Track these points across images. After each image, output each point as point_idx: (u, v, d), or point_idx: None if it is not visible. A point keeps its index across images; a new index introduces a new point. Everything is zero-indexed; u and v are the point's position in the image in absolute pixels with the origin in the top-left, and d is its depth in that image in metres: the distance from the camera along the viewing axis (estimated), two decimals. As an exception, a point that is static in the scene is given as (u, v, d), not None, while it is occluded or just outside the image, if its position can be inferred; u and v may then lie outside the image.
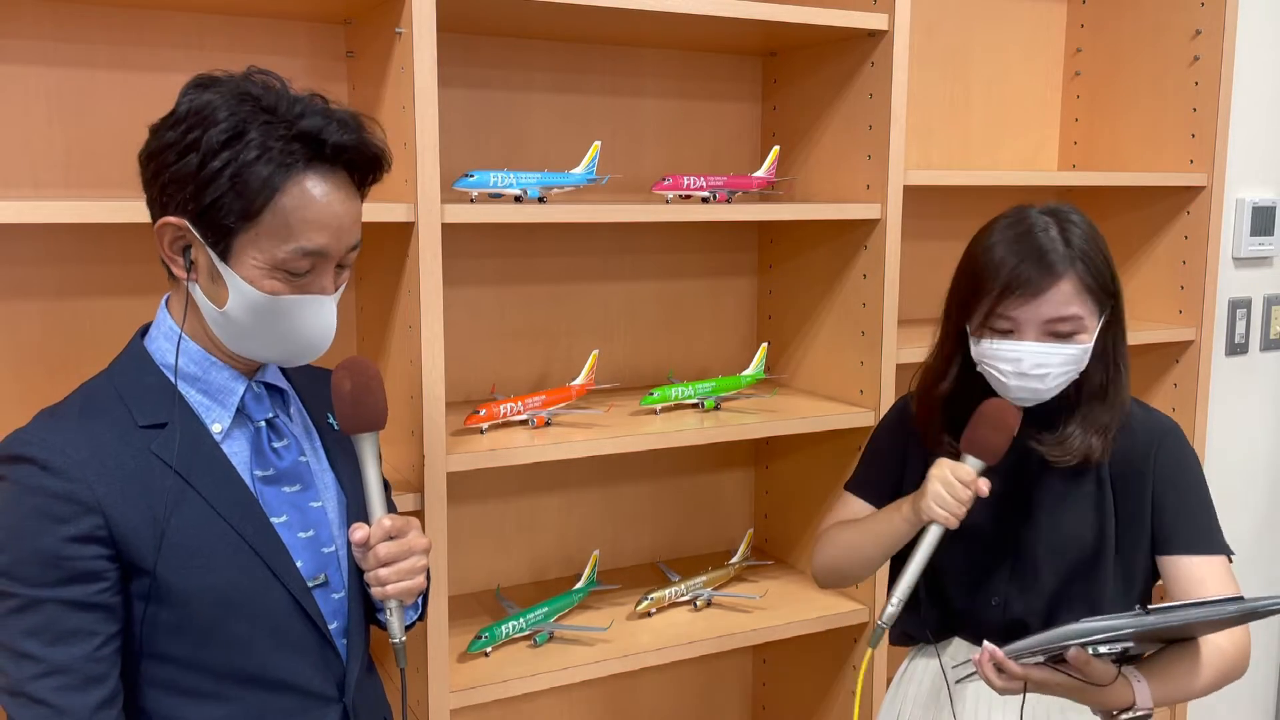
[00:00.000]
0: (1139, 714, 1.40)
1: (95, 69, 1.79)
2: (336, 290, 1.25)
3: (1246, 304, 2.93)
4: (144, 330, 1.28)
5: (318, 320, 1.23)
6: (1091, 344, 1.48)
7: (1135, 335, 2.36)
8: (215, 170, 1.14)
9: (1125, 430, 1.53)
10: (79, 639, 1.14)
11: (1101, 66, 2.62)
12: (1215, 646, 1.46)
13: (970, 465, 1.47)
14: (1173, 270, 2.49)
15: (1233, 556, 1.52)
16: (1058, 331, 1.46)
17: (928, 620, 1.63)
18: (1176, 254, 2.49)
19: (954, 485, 1.45)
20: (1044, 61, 2.69)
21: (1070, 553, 1.52)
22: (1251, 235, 2.88)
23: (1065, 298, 1.45)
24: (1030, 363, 1.46)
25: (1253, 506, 3.07)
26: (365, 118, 1.24)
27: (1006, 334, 1.48)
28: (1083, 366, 1.49)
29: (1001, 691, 1.39)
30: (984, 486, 1.45)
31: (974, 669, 1.41)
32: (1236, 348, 2.94)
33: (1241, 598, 1.32)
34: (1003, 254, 1.47)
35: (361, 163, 1.23)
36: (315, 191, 1.18)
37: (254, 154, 1.14)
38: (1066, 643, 1.31)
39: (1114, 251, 1.54)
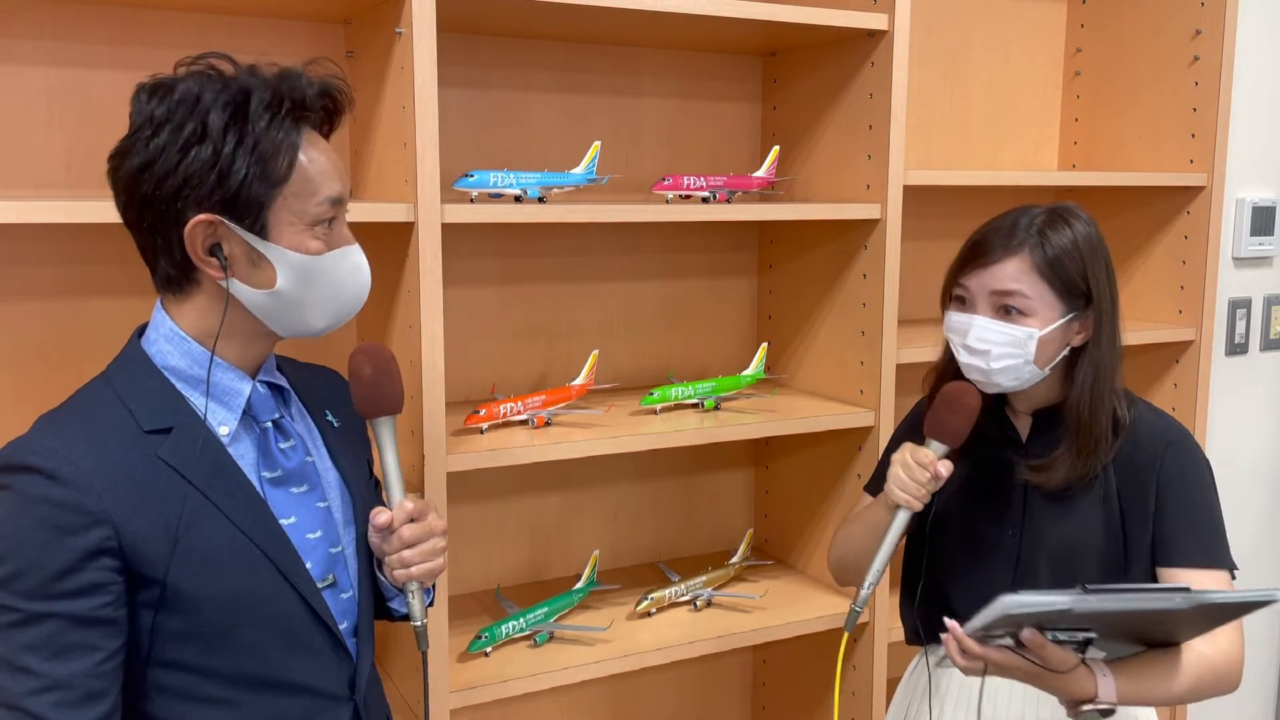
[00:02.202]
0: (1100, 707, 1.38)
1: (95, 69, 1.79)
2: None
3: (1246, 304, 2.93)
4: (140, 331, 1.26)
5: (357, 269, 1.27)
6: (1041, 332, 1.46)
7: (1135, 335, 2.37)
8: (232, 148, 1.14)
9: (1131, 437, 1.52)
10: (80, 654, 1.11)
11: (1101, 66, 2.62)
12: (1197, 653, 1.43)
13: (933, 449, 1.48)
14: (1173, 270, 2.49)
15: (1236, 572, 1.50)
16: (1004, 305, 1.47)
17: (934, 622, 1.63)
18: (1176, 254, 2.49)
19: (912, 467, 1.46)
20: (1044, 61, 2.69)
21: (1073, 563, 1.51)
22: (1251, 235, 2.88)
23: (1014, 273, 1.46)
24: (974, 335, 1.48)
25: (1253, 507, 3.07)
26: (311, 64, 1.25)
27: (963, 305, 1.51)
28: (1029, 355, 1.46)
29: (965, 671, 1.39)
30: (943, 469, 1.46)
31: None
32: (1236, 348, 2.94)
33: (1188, 588, 1.29)
34: (980, 230, 1.52)
35: (330, 108, 1.25)
36: (316, 144, 1.22)
37: (264, 121, 1.15)
38: (1011, 613, 1.28)
39: (1114, 251, 1.54)
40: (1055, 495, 1.53)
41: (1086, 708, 1.39)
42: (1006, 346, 1.46)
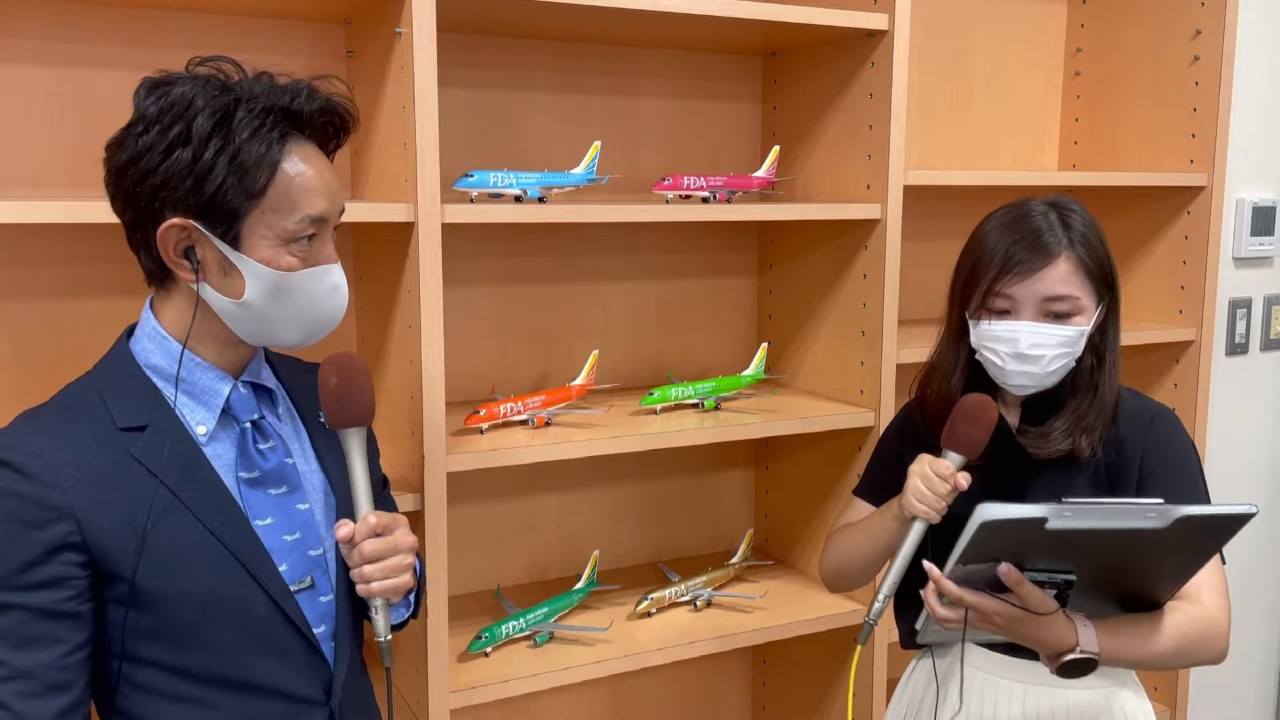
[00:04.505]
0: (1081, 657, 1.37)
1: (95, 69, 1.79)
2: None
3: (1246, 304, 2.93)
4: (130, 331, 1.27)
5: (334, 289, 1.25)
6: (1088, 328, 1.49)
7: (1135, 335, 2.37)
8: (212, 156, 1.14)
9: (1116, 420, 1.54)
10: (44, 645, 1.13)
11: (1101, 66, 2.62)
12: (1184, 613, 1.44)
13: (950, 460, 1.47)
14: (1173, 270, 2.49)
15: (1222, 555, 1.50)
16: (1054, 311, 1.47)
17: (930, 619, 1.63)
18: (1176, 254, 2.49)
19: (932, 480, 1.46)
20: (1044, 61, 2.69)
21: None
22: (1251, 235, 2.88)
23: (1062, 276, 1.47)
24: (1027, 342, 1.47)
25: (1253, 506, 3.06)
26: (319, 80, 1.25)
27: (1004, 314, 1.50)
28: (1078, 352, 1.50)
29: (945, 624, 1.39)
30: (963, 481, 1.46)
31: (927, 614, 1.42)
32: (1236, 348, 2.94)
33: (1161, 501, 1.29)
34: (1000, 236, 1.50)
35: (336, 125, 1.25)
36: (305, 159, 1.20)
37: (247, 133, 1.15)
38: (987, 520, 1.27)
39: (1114, 251, 1.55)
40: (1045, 481, 1.53)
41: (1068, 657, 1.38)
42: (1060, 348, 1.48)
